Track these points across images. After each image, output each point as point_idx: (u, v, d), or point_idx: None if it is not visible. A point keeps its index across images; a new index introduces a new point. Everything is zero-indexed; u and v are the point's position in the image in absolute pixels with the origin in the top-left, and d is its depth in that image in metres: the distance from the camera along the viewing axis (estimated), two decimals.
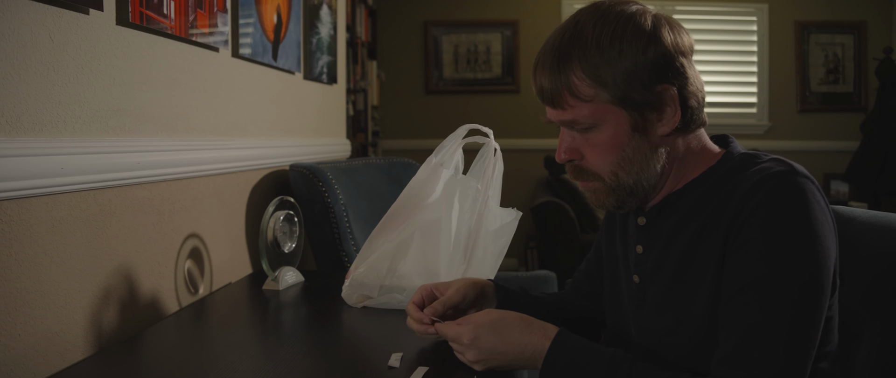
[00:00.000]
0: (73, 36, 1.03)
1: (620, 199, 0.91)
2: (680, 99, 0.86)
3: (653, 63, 0.84)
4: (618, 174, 0.89)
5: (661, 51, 0.85)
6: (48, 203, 0.99)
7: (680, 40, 0.87)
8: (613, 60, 0.84)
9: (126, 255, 1.18)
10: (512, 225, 1.32)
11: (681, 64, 0.86)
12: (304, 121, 2.16)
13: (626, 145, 0.87)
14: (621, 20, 0.86)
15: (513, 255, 4.30)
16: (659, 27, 0.86)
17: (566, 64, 0.86)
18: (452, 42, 4.58)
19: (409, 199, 1.27)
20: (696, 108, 0.89)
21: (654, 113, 0.86)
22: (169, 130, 1.31)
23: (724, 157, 0.91)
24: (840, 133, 4.50)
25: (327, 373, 0.96)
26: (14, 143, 0.91)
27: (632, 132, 0.87)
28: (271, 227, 1.43)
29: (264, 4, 1.75)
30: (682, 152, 0.91)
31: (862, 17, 4.55)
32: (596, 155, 0.89)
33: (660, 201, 0.92)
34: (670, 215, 0.92)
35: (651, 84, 0.85)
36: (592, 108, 0.86)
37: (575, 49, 0.86)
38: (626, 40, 0.84)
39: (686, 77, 0.87)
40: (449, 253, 1.24)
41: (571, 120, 0.88)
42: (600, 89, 0.85)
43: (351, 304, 1.28)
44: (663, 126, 0.87)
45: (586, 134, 0.89)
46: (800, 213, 0.79)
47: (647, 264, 0.94)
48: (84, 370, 0.99)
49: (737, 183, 0.85)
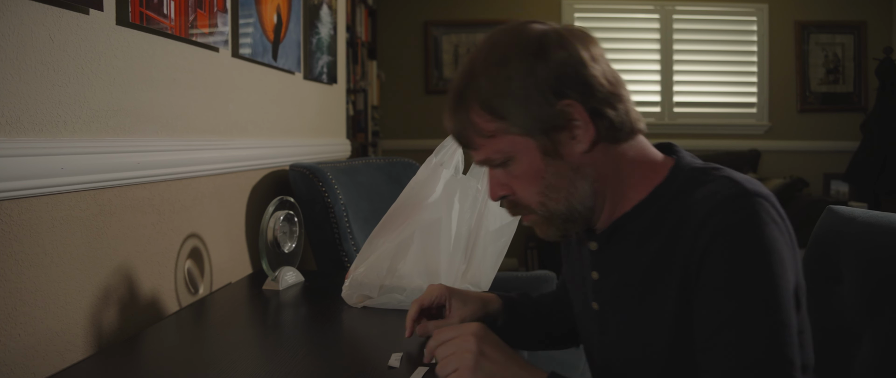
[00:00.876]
0: (73, 36, 1.03)
1: (561, 228, 0.87)
2: (589, 111, 0.81)
3: (545, 82, 0.80)
4: (546, 204, 0.84)
5: (552, 67, 0.80)
6: (48, 203, 0.99)
7: (575, 50, 0.81)
8: (503, 89, 0.80)
9: (126, 255, 1.18)
10: (512, 225, 1.32)
11: (581, 75, 0.80)
12: (304, 121, 2.16)
13: (544, 173, 0.83)
14: (505, 45, 0.82)
15: (513, 255, 4.30)
16: (545, 42, 0.81)
17: (463, 103, 0.83)
18: (452, 42, 4.58)
19: (409, 199, 1.27)
20: (615, 115, 0.82)
21: (564, 133, 0.81)
22: (169, 130, 1.31)
23: (672, 172, 0.85)
24: (840, 133, 4.50)
25: (327, 373, 0.96)
26: (14, 143, 0.91)
27: (545, 158, 0.82)
28: (271, 227, 1.43)
29: (264, 4, 1.75)
30: (617, 165, 0.85)
31: (862, 17, 4.55)
32: (521, 187, 0.85)
33: (610, 225, 0.87)
34: (622, 240, 0.86)
35: (549, 104, 0.80)
36: (500, 142, 0.83)
37: (469, 86, 0.82)
38: (512, 65, 0.80)
39: (590, 87, 0.80)
40: (449, 253, 1.24)
41: (485, 159, 0.85)
42: (501, 122, 0.81)
43: (351, 304, 1.28)
44: (578, 144, 0.82)
45: (505, 168, 0.85)
46: (756, 240, 0.74)
47: (605, 292, 0.90)
48: (84, 370, 0.99)
49: (689, 208, 0.79)
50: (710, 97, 4.60)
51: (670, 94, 4.56)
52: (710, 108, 4.60)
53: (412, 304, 1.03)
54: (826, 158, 4.48)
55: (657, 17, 4.54)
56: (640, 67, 4.57)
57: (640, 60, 4.57)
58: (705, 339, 0.76)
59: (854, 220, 0.97)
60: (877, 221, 0.95)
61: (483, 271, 1.30)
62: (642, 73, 4.57)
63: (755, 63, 4.57)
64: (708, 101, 4.60)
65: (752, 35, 4.57)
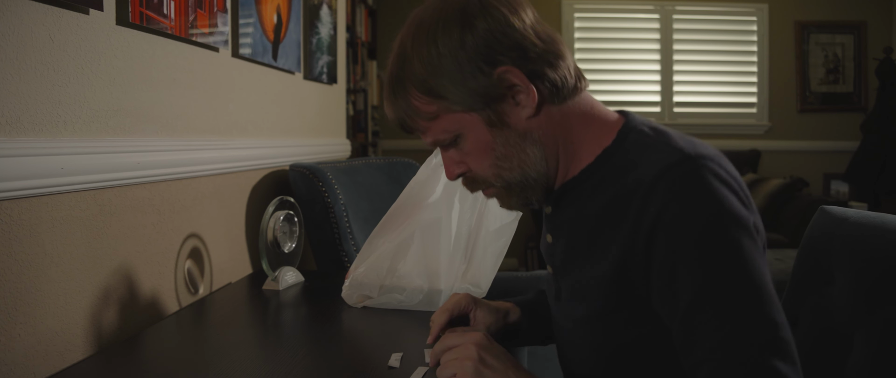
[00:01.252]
0: (73, 36, 1.03)
1: (521, 196, 0.86)
2: (527, 74, 0.79)
3: (475, 50, 0.77)
4: (501, 174, 0.84)
5: (479, 35, 0.78)
6: (48, 203, 0.99)
7: (498, 14, 0.79)
8: (436, 68, 0.79)
9: (126, 255, 1.18)
10: (512, 225, 1.32)
11: (511, 38, 0.78)
12: (304, 121, 2.16)
13: (494, 144, 0.82)
14: (430, 22, 0.80)
15: (513, 255, 4.29)
16: (469, 12, 0.79)
17: (401, 89, 0.82)
18: None
19: (409, 199, 1.27)
20: (556, 74, 0.80)
21: (506, 101, 0.80)
22: (169, 130, 1.31)
23: (618, 134, 0.83)
24: (840, 133, 4.50)
25: (327, 373, 0.96)
26: (14, 143, 0.91)
27: (492, 129, 0.81)
28: (271, 227, 1.43)
29: (264, 4, 1.75)
30: (565, 125, 0.83)
31: (862, 17, 4.55)
32: (474, 162, 0.84)
33: (560, 187, 0.87)
34: (571, 202, 0.86)
35: (485, 74, 0.78)
36: (444, 122, 0.82)
37: (403, 71, 0.81)
38: (440, 41, 0.79)
39: (523, 49, 0.78)
40: (449, 253, 1.24)
41: (433, 140, 0.84)
42: (441, 101, 0.80)
43: (351, 304, 1.28)
44: (523, 109, 0.80)
45: (456, 146, 0.84)
46: (708, 206, 0.72)
47: (556, 256, 0.90)
48: (84, 370, 0.99)
49: (633, 175, 0.77)
50: (710, 97, 4.61)
51: (670, 94, 4.56)
52: (710, 108, 4.60)
53: (440, 312, 1.01)
54: (826, 158, 4.49)
55: (657, 17, 4.54)
56: (640, 67, 4.57)
57: (640, 60, 4.58)
58: (679, 318, 0.74)
59: (846, 221, 0.97)
60: (869, 222, 0.94)
61: (483, 271, 1.30)
62: (642, 73, 4.58)
63: (755, 63, 4.57)
64: (708, 101, 4.60)
65: (752, 35, 4.57)
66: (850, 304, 0.93)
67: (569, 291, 0.88)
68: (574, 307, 0.87)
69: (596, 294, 0.82)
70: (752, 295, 0.71)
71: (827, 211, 1.01)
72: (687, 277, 0.72)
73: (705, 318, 0.72)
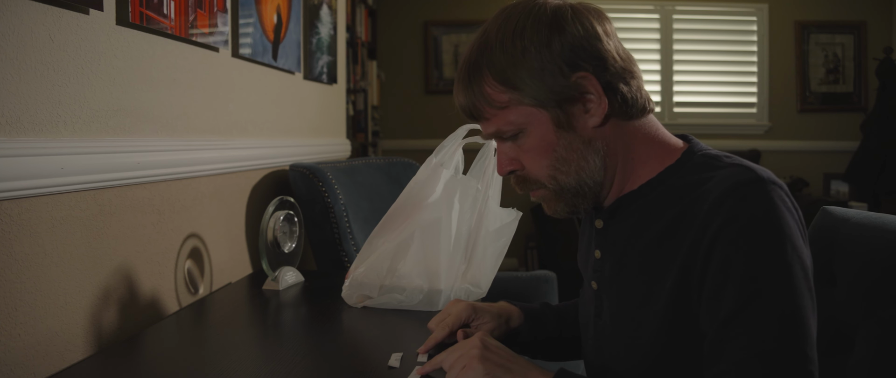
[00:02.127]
0: (73, 36, 1.03)
1: (570, 203, 0.86)
2: (602, 84, 0.81)
3: (560, 54, 0.80)
4: (556, 177, 0.84)
5: (567, 39, 0.80)
6: (48, 203, 0.99)
7: (589, 25, 0.82)
8: (518, 60, 0.80)
9: (126, 255, 1.18)
10: (512, 225, 1.32)
11: (595, 48, 0.81)
12: (304, 121, 2.16)
13: (556, 145, 0.83)
14: (520, 18, 0.82)
15: (513, 255, 4.30)
16: (560, 15, 0.81)
17: (477, 75, 0.83)
18: (452, 42, 4.58)
19: (409, 199, 1.27)
20: (628, 91, 0.83)
21: (577, 105, 0.82)
22: (169, 130, 1.31)
23: (683, 155, 0.85)
24: (840, 133, 4.50)
25: (327, 373, 0.96)
26: (14, 143, 0.91)
27: (558, 130, 0.82)
28: (271, 227, 1.43)
29: (264, 4, 1.75)
30: (627, 142, 0.85)
31: (862, 17, 4.55)
32: (531, 161, 0.85)
33: (615, 201, 0.87)
34: (627, 218, 0.86)
35: (564, 75, 0.80)
36: (512, 113, 0.82)
37: (482, 57, 0.83)
38: (527, 37, 0.80)
39: (603, 60, 0.81)
40: (449, 253, 1.24)
41: (496, 131, 0.85)
42: (514, 93, 0.81)
43: (351, 304, 1.28)
44: (592, 117, 0.82)
45: (516, 141, 0.85)
46: (771, 228, 0.73)
47: (605, 270, 0.89)
48: (84, 370, 0.99)
49: (700, 191, 0.78)
50: (710, 97, 4.60)
51: (670, 93, 4.56)
52: (710, 108, 4.60)
53: (440, 327, 1.01)
54: (826, 158, 4.48)
55: (657, 17, 4.54)
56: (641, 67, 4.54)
57: (640, 60, 4.54)
58: (716, 327, 0.74)
59: (848, 221, 0.97)
60: (870, 222, 0.94)
61: (483, 271, 1.30)
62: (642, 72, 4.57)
63: (755, 63, 4.57)
64: (708, 100, 4.60)
65: (752, 35, 4.57)
66: (851, 304, 0.93)
67: (617, 307, 0.87)
68: (621, 324, 0.86)
69: (654, 311, 0.81)
70: (791, 325, 0.72)
71: (828, 211, 1.01)
72: (733, 290, 0.73)
73: (738, 333, 0.73)
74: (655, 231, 0.82)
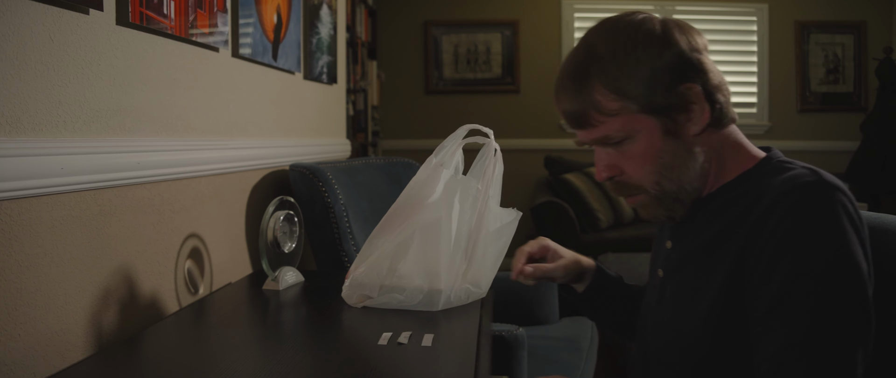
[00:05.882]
0: (73, 36, 1.03)
1: (669, 208, 0.91)
2: (705, 94, 0.87)
3: (670, 65, 0.86)
4: (661, 183, 0.89)
5: (677, 51, 0.86)
6: (48, 203, 0.99)
7: (692, 39, 0.88)
8: (632, 70, 0.85)
9: (126, 255, 1.18)
10: (512, 225, 1.32)
11: (698, 61, 0.87)
12: (304, 121, 2.16)
13: (661, 152, 0.88)
14: (631, 30, 0.87)
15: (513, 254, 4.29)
16: (669, 30, 0.87)
17: (586, 83, 0.87)
18: (452, 42, 4.58)
19: (409, 199, 1.27)
20: (724, 102, 0.89)
21: (683, 114, 0.87)
22: (169, 130, 1.31)
23: (762, 161, 0.90)
24: (840, 133, 4.50)
25: (327, 373, 0.96)
26: (14, 143, 0.91)
27: (665, 137, 0.87)
28: (271, 227, 1.43)
29: (264, 4, 1.75)
30: (718, 150, 0.91)
31: (862, 17, 4.55)
32: (635, 167, 0.90)
33: (696, 202, 0.93)
34: (701, 215, 0.92)
35: (673, 85, 0.86)
36: (621, 120, 0.87)
37: (592, 67, 0.87)
38: (641, 48, 0.86)
39: (707, 72, 0.88)
40: (449, 253, 1.24)
41: (603, 137, 0.89)
42: (625, 101, 0.86)
43: (351, 304, 1.28)
44: (694, 125, 0.88)
45: (620, 147, 0.89)
46: (827, 228, 0.76)
47: (672, 261, 0.95)
48: (84, 370, 0.99)
49: (764, 189, 0.84)
50: None
51: None
52: None
53: (519, 253, 1.14)
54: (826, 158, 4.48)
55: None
56: None
57: None
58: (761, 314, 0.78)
59: None
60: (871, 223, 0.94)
61: (483, 271, 1.30)
62: None
63: (755, 63, 4.57)
64: None
65: (752, 35, 4.57)
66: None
67: (676, 297, 0.93)
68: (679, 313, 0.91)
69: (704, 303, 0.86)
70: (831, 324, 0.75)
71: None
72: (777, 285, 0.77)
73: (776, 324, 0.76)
74: (718, 228, 0.88)
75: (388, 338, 1.07)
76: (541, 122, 4.58)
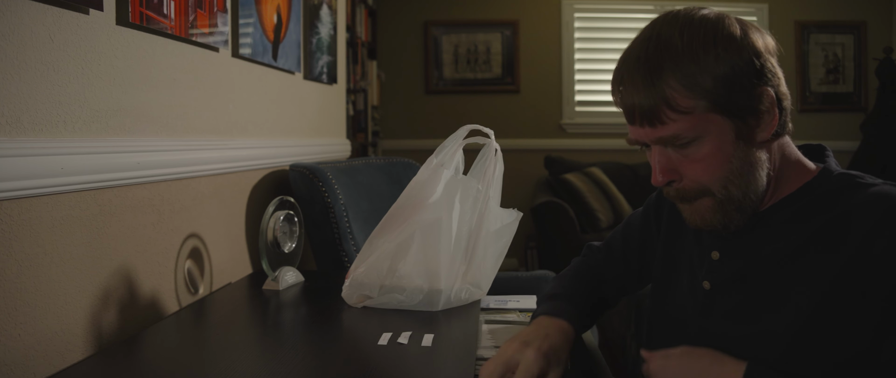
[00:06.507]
0: (73, 36, 1.03)
1: (728, 216, 0.86)
2: (776, 100, 0.83)
3: (750, 65, 0.81)
4: (727, 187, 0.84)
5: (756, 52, 0.82)
6: (48, 203, 0.99)
7: (767, 41, 0.84)
8: (711, 67, 0.80)
9: (126, 255, 1.18)
10: (512, 225, 1.32)
11: (772, 64, 0.84)
12: (304, 121, 2.16)
13: (732, 156, 0.83)
14: (709, 26, 0.82)
15: (513, 255, 4.29)
16: (748, 30, 0.83)
17: (659, 76, 0.81)
18: (452, 42, 4.58)
19: (409, 199, 1.27)
20: (788, 110, 0.86)
21: (754, 118, 0.83)
22: (169, 130, 1.30)
23: (822, 172, 0.87)
24: (840, 133, 4.50)
25: (327, 373, 0.96)
26: (14, 143, 0.91)
27: (737, 141, 0.83)
28: (271, 227, 1.43)
29: (264, 4, 1.75)
30: (779, 159, 0.87)
31: (862, 17, 4.55)
32: (700, 170, 0.84)
33: (755, 214, 0.88)
34: (761, 228, 0.88)
35: (751, 87, 0.81)
36: (693, 119, 0.81)
37: (665, 60, 0.81)
38: (721, 45, 0.81)
39: (779, 78, 0.84)
40: (449, 253, 1.24)
41: (672, 135, 0.83)
42: (699, 99, 0.81)
43: (351, 304, 1.28)
44: (763, 131, 0.83)
45: (685, 149, 0.84)
46: None
47: (723, 273, 0.90)
48: (84, 370, 0.98)
49: (854, 206, 0.81)
50: None
51: None
52: None
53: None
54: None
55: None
56: None
57: None
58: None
59: None
60: None
61: (483, 272, 1.30)
62: None
63: None
64: None
65: None
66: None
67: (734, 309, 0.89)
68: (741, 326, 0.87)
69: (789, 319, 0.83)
70: None
71: None
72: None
73: None
74: (795, 243, 0.84)
75: (388, 338, 1.07)
76: (541, 122, 4.58)
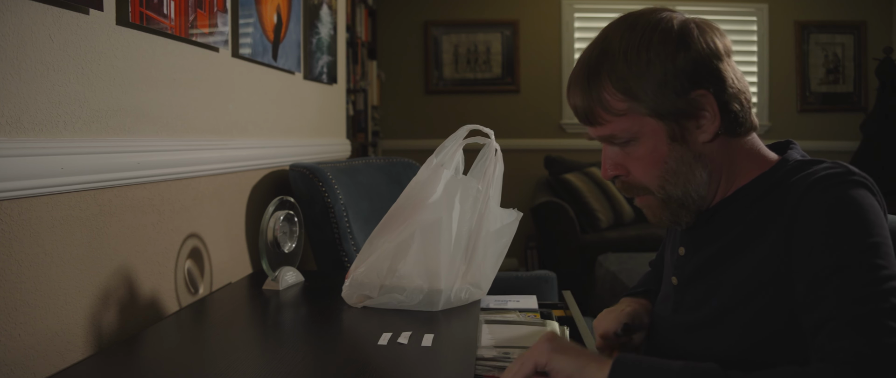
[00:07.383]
0: (73, 36, 1.03)
1: (674, 213, 0.89)
2: (719, 104, 0.84)
3: (683, 70, 0.83)
4: (665, 187, 0.87)
5: (692, 56, 0.83)
6: (48, 203, 0.99)
7: (712, 43, 0.85)
8: (642, 71, 0.83)
9: (126, 255, 1.18)
10: (512, 226, 1.32)
11: (715, 67, 0.84)
12: (304, 121, 2.16)
13: (667, 157, 0.86)
14: (647, 29, 0.85)
15: (513, 255, 4.30)
16: (687, 32, 0.84)
17: (596, 80, 0.85)
18: (452, 42, 4.58)
19: (409, 199, 1.27)
20: (740, 110, 0.86)
21: (692, 120, 0.85)
22: (169, 130, 1.30)
23: (780, 162, 0.88)
24: (840, 133, 4.50)
25: (327, 373, 0.96)
26: (14, 143, 0.91)
27: (671, 142, 0.85)
28: (271, 227, 1.43)
29: (264, 4, 1.75)
30: (731, 158, 0.88)
31: (862, 17, 4.55)
32: (639, 168, 0.88)
33: (709, 208, 0.90)
34: (717, 220, 0.90)
35: (684, 91, 0.83)
36: (627, 121, 0.85)
37: (603, 64, 0.85)
38: (654, 49, 0.83)
39: (723, 80, 0.85)
40: (449, 253, 1.24)
41: (609, 134, 0.87)
42: (633, 102, 0.84)
43: (351, 304, 1.28)
44: (703, 133, 0.85)
45: (626, 148, 0.88)
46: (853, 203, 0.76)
47: (688, 267, 0.93)
48: (84, 370, 0.98)
49: (789, 187, 0.82)
50: None
51: None
52: None
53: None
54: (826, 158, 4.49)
55: None
56: None
57: None
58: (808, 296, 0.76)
59: None
60: None
61: (483, 272, 1.30)
62: None
63: (755, 63, 4.57)
64: None
65: (752, 35, 4.57)
66: None
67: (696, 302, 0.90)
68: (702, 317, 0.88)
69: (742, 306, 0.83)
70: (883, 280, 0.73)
71: None
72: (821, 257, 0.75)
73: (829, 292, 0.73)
74: (741, 229, 0.86)
75: (388, 338, 1.07)
76: (541, 122, 4.58)
